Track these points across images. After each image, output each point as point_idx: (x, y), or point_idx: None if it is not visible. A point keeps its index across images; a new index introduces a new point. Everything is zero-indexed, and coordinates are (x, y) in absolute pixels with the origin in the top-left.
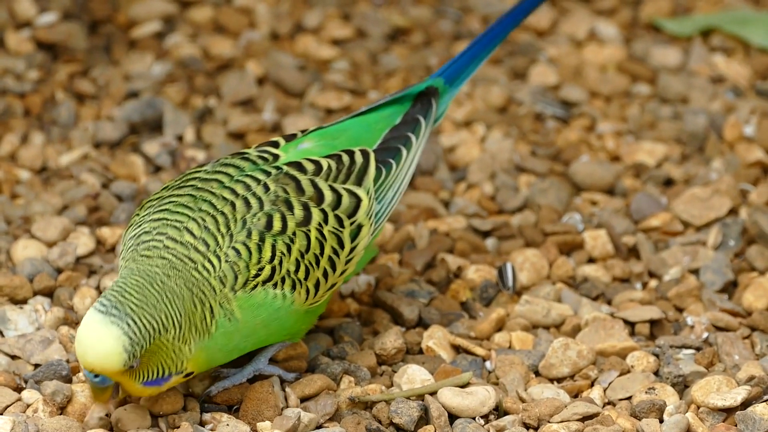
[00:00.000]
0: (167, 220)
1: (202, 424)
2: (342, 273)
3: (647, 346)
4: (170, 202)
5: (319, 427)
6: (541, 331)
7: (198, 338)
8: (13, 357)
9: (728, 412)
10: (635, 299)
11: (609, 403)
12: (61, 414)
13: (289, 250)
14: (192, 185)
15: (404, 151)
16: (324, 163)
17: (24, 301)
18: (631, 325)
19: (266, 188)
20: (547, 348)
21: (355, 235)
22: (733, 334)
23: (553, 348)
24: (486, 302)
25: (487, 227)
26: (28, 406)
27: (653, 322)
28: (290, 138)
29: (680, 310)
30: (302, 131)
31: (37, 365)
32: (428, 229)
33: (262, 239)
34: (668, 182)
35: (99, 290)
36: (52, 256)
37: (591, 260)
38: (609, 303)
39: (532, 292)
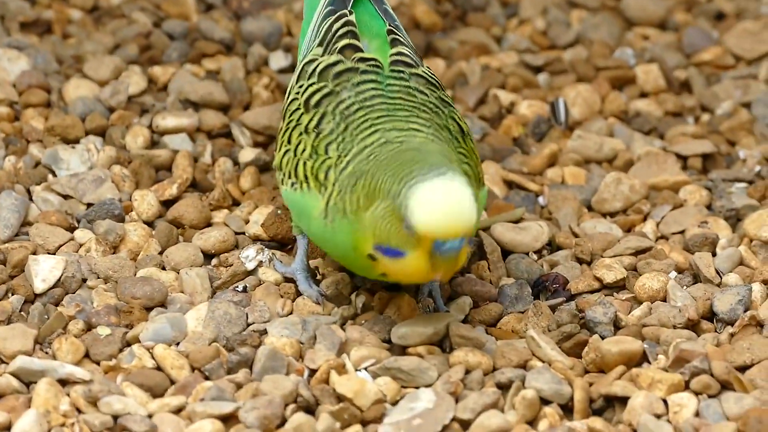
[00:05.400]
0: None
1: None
2: None
3: (699, 180)
4: (380, 118)
5: None
6: (594, 165)
7: None
8: (66, 197)
9: None
10: (687, 133)
11: (662, 237)
12: (113, 253)
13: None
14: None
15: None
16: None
17: (76, 141)
18: (683, 159)
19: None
20: (599, 183)
21: None
22: None
23: (606, 183)
24: (538, 137)
25: (539, 62)
26: (81, 245)
27: (705, 156)
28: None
29: (732, 143)
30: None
31: (89, 204)
32: (480, 65)
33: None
34: (720, 16)
35: (151, 129)
36: (104, 95)
37: (643, 95)
38: (661, 137)
39: (584, 127)
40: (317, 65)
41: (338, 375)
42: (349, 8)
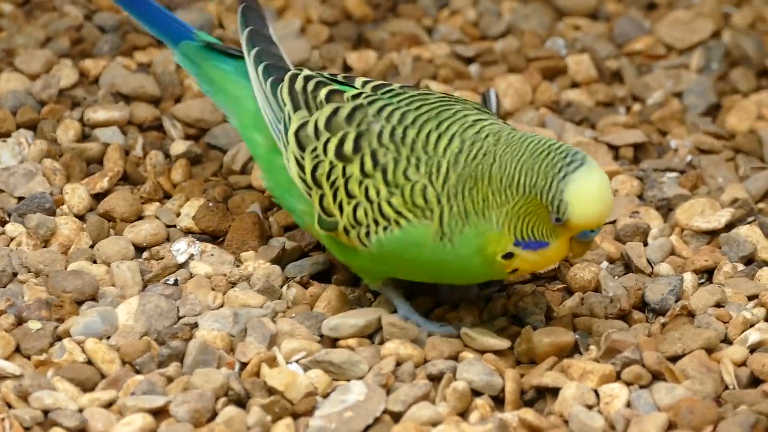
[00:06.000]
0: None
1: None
2: None
3: (631, 170)
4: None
5: (304, 255)
6: None
7: None
8: None
9: (712, 234)
10: (619, 123)
11: None
12: (44, 247)
13: None
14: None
15: None
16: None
17: (7, 134)
18: (614, 149)
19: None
20: None
21: None
22: (717, 157)
23: None
24: None
25: (471, 53)
26: (12, 239)
27: (637, 146)
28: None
29: (664, 133)
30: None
31: (20, 198)
32: (411, 56)
33: None
34: (651, 6)
35: (82, 122)
36: (35, 88)
37: (574, 85)
38: (593, 127)
39: (516, 118)
40: (316, 123)
41: (269, 368)
42: (294, 69)
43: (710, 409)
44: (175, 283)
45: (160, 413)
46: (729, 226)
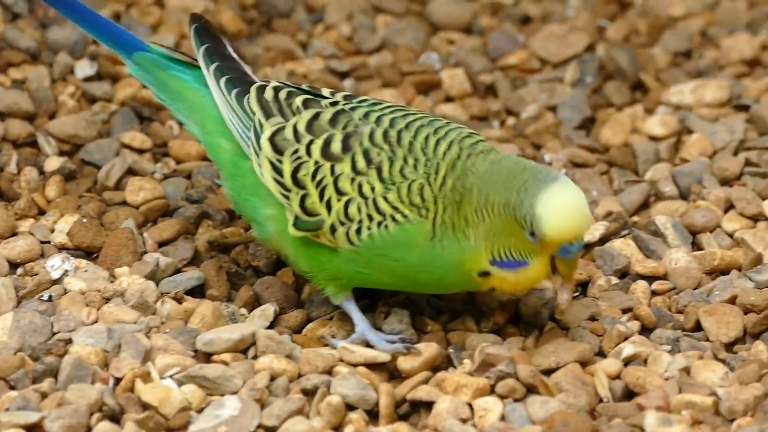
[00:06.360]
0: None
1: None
2: None
3: None
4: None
5: (178, 271)
6: None
7: None
8: None
9: (586, 248)
10: (493, 137)
11: None
12: None
13: None
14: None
15: None
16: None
17: None
18: None
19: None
20: None
21: None
22: (591, 170)
23: None
24: None
25: (345, 68)
26: None
27: None
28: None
29: (538, 147)
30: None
31: None
32: (286, 71)
33: None
34: (525, 20)
35: None
36: None
37: (448, 99)
38: None
39: None
40: (296, 127)
41: (143, 383)
42: (260, 82)
43: (585, 422)
44: (50, 299)
45: (34, 429)
46: (603, 240)
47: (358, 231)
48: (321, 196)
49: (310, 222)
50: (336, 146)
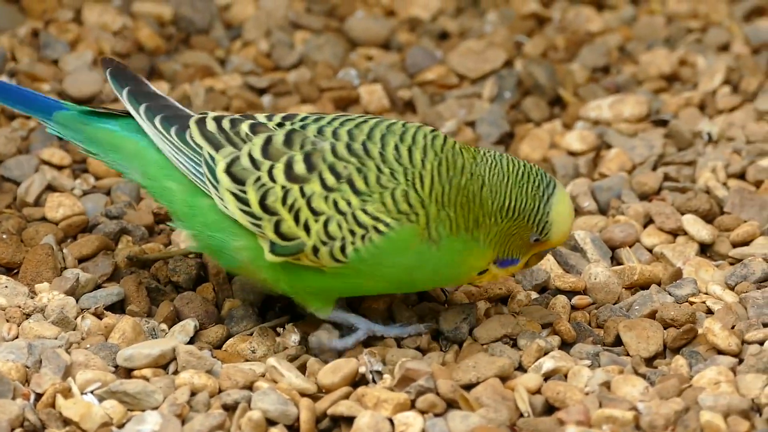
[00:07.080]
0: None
1: None
2: None
3: None
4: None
5: (98, 287)
6: None
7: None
8: None
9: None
10: None
11: None
12: None
13: None
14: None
15: None
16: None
17: None
18: None
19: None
20: None
21: None
22: None
23: None
24: None
25: (264, 84)
26: None
27: None
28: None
29: None
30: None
31: None
32: (204, 87)
33: None
34: (443, 35)
35: None
36: None
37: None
38: None
39: None
40: (251, 154)
41: (64, 399)
42: (196, 115)
43: None
44: None
45: None
46: None
47: (343, 249)
48: (296, 219)
49: (289, 246)
50: (299, 167)
